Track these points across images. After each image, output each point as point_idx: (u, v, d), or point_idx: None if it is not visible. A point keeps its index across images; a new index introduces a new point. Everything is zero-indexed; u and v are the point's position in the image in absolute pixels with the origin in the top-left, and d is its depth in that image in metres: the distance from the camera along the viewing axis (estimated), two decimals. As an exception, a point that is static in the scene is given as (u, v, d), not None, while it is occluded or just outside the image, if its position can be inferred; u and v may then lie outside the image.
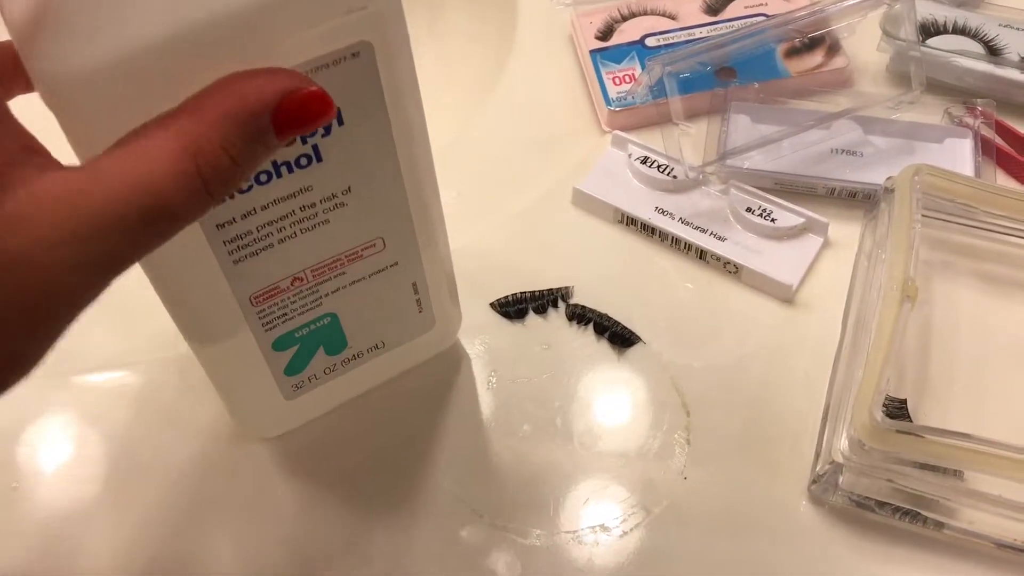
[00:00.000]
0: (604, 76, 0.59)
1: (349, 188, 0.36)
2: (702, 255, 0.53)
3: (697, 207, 0.54)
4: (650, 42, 0.61)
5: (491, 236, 0.55)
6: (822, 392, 0.48)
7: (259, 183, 0.33)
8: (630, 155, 0.56)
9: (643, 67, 0.59)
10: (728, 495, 0.46)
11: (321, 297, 0.40)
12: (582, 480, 0.46)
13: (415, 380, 0.49)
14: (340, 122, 0.33)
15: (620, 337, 0.50)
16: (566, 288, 0.52)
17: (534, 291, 0.52)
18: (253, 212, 0.34)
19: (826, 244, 0.53)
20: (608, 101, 0.58)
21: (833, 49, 0.59)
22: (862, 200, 0.54)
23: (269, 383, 0.43)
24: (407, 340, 0.46)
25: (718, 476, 0.46)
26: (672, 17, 0.62)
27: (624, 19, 0.62)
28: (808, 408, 0.48)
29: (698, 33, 0.61)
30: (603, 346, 0.51)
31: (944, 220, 0.52)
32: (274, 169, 0.33)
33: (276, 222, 0.35)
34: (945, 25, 0.59)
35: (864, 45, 0.60)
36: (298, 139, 0.33)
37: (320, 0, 0.30)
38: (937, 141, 0.56)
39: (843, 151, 0.55)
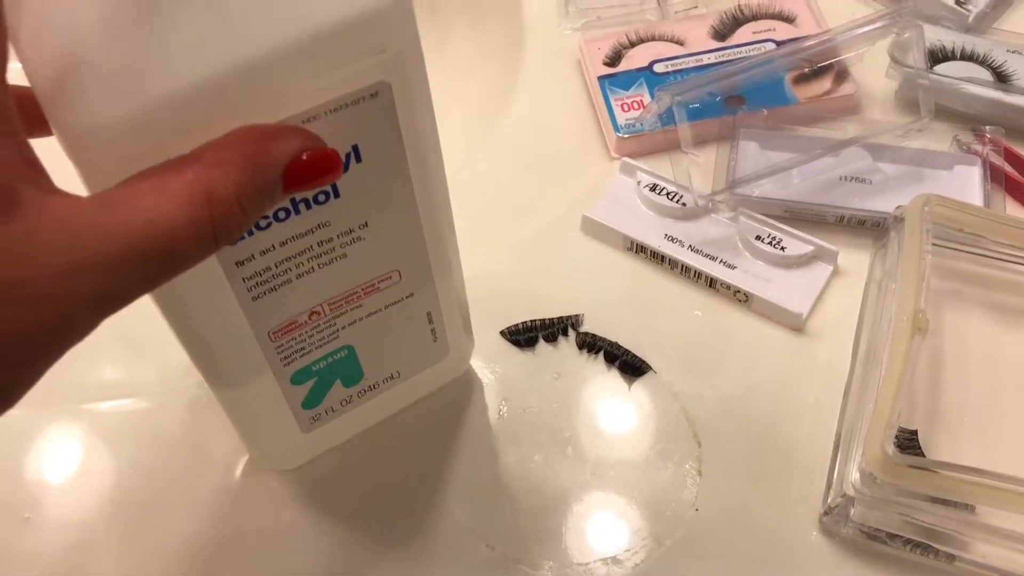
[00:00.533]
0: (612, 102, 0.59)
1: (366, 223, 0.36)
2: (712, 283, 0.53)
3: (706, 235, 0.54)
4: (658, 68, 0.61)
5: (500, 263, 0.55)
6: (833, 422, 0.48)
7: (277, 220, 0.33)
8: (639, 182, 0.56)
9: (652, 94, 0.59)
10: (740, 527, 0.46)
11: (338, 330, 0.40)
12: (593, 511, 0.46)
13: (427, 411, 0.49)
14: (358, 159, 0.34)
15: (630, 366, 0.50)
16: (576, 316, 0.52)
17: (544, 319, 0.52)
18: (272, 249, 0.34)
19: (835, 272, 0.53)
20: (616, 128, 0.58)
21: (841, 76, 0.59)
22: (871, 228, 0.54)
23: (287, 417, 0.43)
24: (422, 369, 0.46)
25: (730, 507, 0.46)
26: (680, 43, 0.62)
27: (632, 45, 0.62)
28: (819, 438, 0.48)
29: (706, 59, 0.61)
30: (613, 375, 0.51)
31: (954, 249, 0.52)
32: (292, 206, 0.33)
33: (294, 257, 0.35)
34: (953, 51, 0.59)
35: (872, 72, 0.60)
36: None
37: (340, 47, 0.30)
38: (946, 168, 0.56)
39: (852, 178, 0.55)
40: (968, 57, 0.59)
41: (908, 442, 0.46)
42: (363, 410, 0.46)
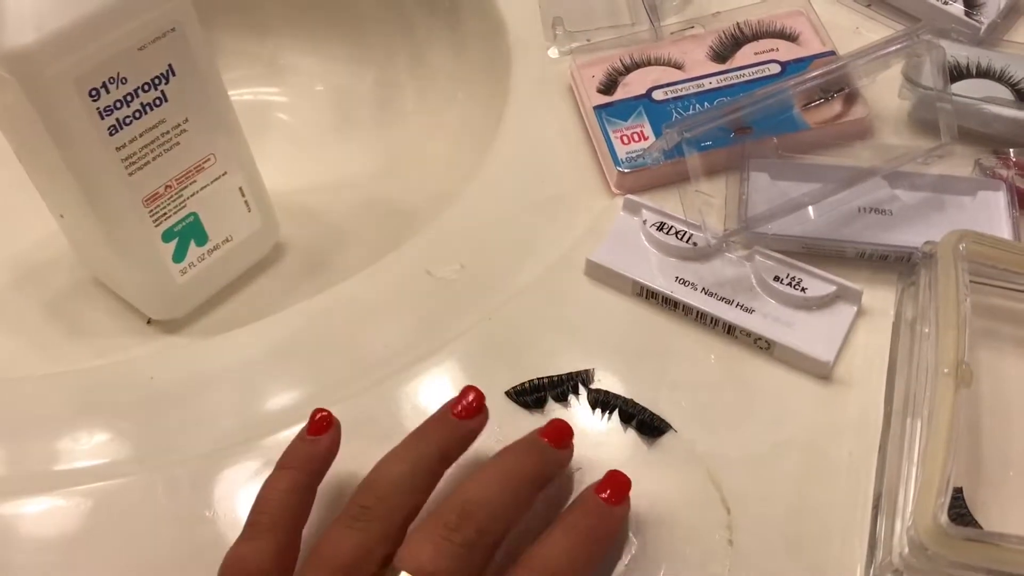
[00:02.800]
0: (611, 134, 0.56)
1: (187, 119, 0.53)
2: (730, 330, 0.49)
3: (720, 276, 0.51)
4: (657, 95, 0.57)
5: (499, 314, 0.52)
6: (869, 479, 0.45)
7: (135, 118, 0.50)
8: (644, 221, 0.52)
9: (652, 123, 0.56)
10: (778, 602, 0.42)
11: (185, 200, 0.56)
12: (619, 592, 0.43)
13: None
14: (174, 73, 0.50)
15: (648, 426, 0.47)
16: (586, 371, 0.49)
17: (552, 376, 0.48)
18: (135, 139, 0.51)
19: (860, 312, 0.50)
20: (617, 162, 0.55)
21: (852, 97, 0.56)
22: (894, 262, 0.51)
23: (166, 269, 0.57)
24: (246, 234, 0.61)
25: (766, 580, 0.43)
26: (678, 66, 0.59)
27: (627, 70, 0.58)
28: (856, 497, 0.45)
29: (708, 84, 0.57)
30: (631, 436, 0.47)
31: (985, 284, 0.49)
32: (141, 108, 0.50)
33: (148, 145, 0.51)
34: (968, 68, 0.56)
35: (884, 92, 0.57)
36: (150, 86, 0.50)
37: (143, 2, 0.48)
38: (969, 194, 0.53)
39: (871, 209, 0.52)
40: (984, 74, 0.56)
41: (955, 502, 0.43)
42: (215, 268, 0.60)
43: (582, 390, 0.48)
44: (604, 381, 0.49)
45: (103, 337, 0.63)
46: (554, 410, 0.48)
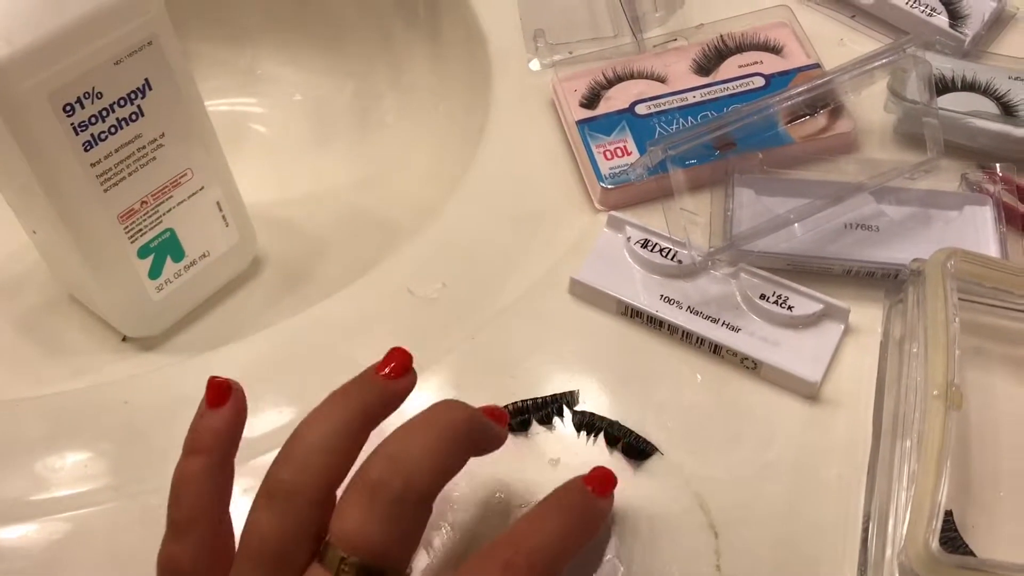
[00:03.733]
0: (594, 150, 0.55)
1: (163, 133, 0.52)
2: (716, 350, 0.49)
3: (705, 294, 0.50)
4: (640, 110, 0.56)
5: (482, 333, 0.51)
6: (858, 500, 0.44)
7: (111, 133, 0.49)
8: (628, 238, 0.52)
9: (635, 137, 0.55)
10: (768, 630, 0.42)
11: (161, 215, 0.55)
12: (606, 621, 0.42)
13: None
14: (150, 87, 0.50)
15: (635, 449, 0.46)
16: (571, 393, 0.48)
17: (536, 399, 0.48)
18: (110, 154, 0.50)
19: (847, 331, 0.49)
20: (600, 177, 0.54)
21: (837, 112, 0.55)
22: (881, 279, 0.51)
23: (141, 285, 0.56)
24: (223, 249, 0.60)
25: (755, 607, 0.42)
26: (661, 80, 0.58)
27: (610, 84, 0.58)
28: (845, 520, 0.44)
29: (691, 97, 0.57)
30: (617, 459, 0.46)
31: (974, 301, 0.49)
32: (117, 123, 0.49)
33: (124, 160, 0.51)
34: (953, 81, 0.56)
35: (869, 106, 0.56)
36: (126, 101, 0.49)
37: (124, 10, 0.47)
38: (955, 209, 0.52)
39: (857, 225, 0.52)
40: (969, 87, 0.55)
41: (945, 525, 0.42)
42: (192, 284, 0.60)
43: (567, 412, 0.47)
44: (589, 402, 0.48)
45: (78, 355, 0.61)
46: (538, 433, 0.47)
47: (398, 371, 0.39)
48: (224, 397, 0.39)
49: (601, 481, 0.40)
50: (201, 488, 0.37)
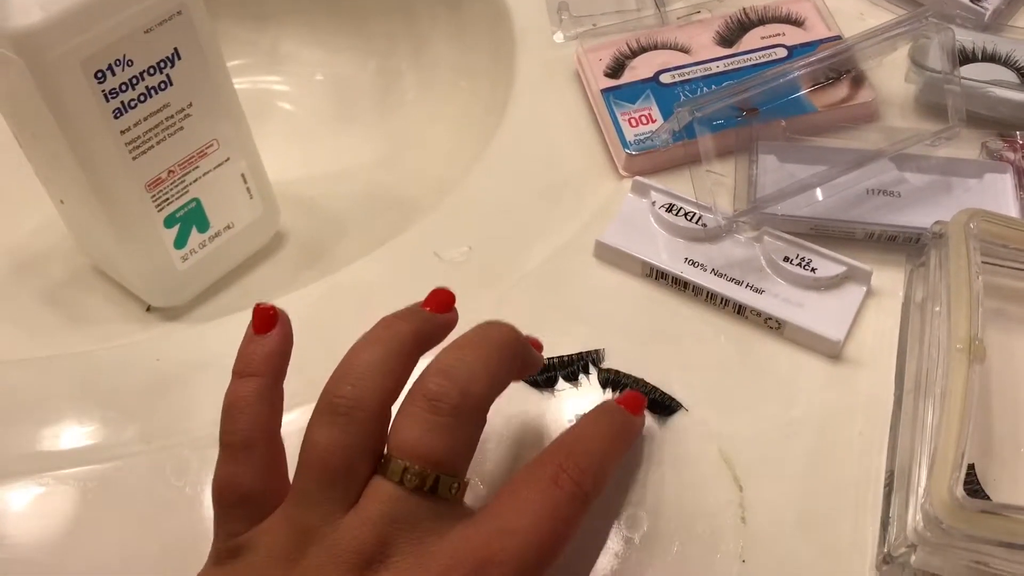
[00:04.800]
0: (619, 117, 0.56)
1: (191, 103, 0.53)
2: (740, 310, 0.49)
3: (729, 257, 0.51)
4: (664, 79, 0.57)
5: (509, 295, 0.51)
6: (880, 457, 0.45)
7: (140, 101, 0.50)
8: (653, 203, 0.52)
9: (659, 106, 0.56)
10: (792, 579, 0.42)
11: (188, 185, 0.55)
12: (633, 571, 0.42)
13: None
14: (180, 57, 0.50)
15: (660, 405, 0.47)
16: (597, 351, 0.48)
17: (563, 356, 0.48)
18: (139, 123, 0.50)
19: (869, 293, 0.50)
20: (625, 144, 0.54)
21: (858, 81, 0.56)
22: (903, 243, 0.51)
23: (167, 254, 0.57)
24: (247, 221, 0.61)
25: (779, 557, 0.43)
26: (685, 50, 0.59)
27: (634, 54, 0.58)
28: (868, 476, 0.44)
29: (715, 68, 0.57)
30: (643, 415, 0.47)
31: (994, 264, 0.49)
32: (146, 91, 0.50)
33: (152, 129, 0.51)
34: (974, 52, 0.56)
35: (890, 75, 0.57)
36: (156, 69, 0.50)
37: None
38: (976, 177, 0.53)
39: (879, 191, 0.52)
40: (990, 58, 0.56)
41: (968, 478, 0.43)
42: (216, 255, 0.60)
43: (592, 370, 0.48)
44: (614, 361, 0.48)
45: (102, 324, 0.62)
46: (563, 389, 0.48)
47: (441, 308, 0.40)
48: (271, 323, 0.39)
49: (632, 402, 0.44)
50: (256, 409, 0.37)
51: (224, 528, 0.37)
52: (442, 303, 0.40)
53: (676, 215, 0.52)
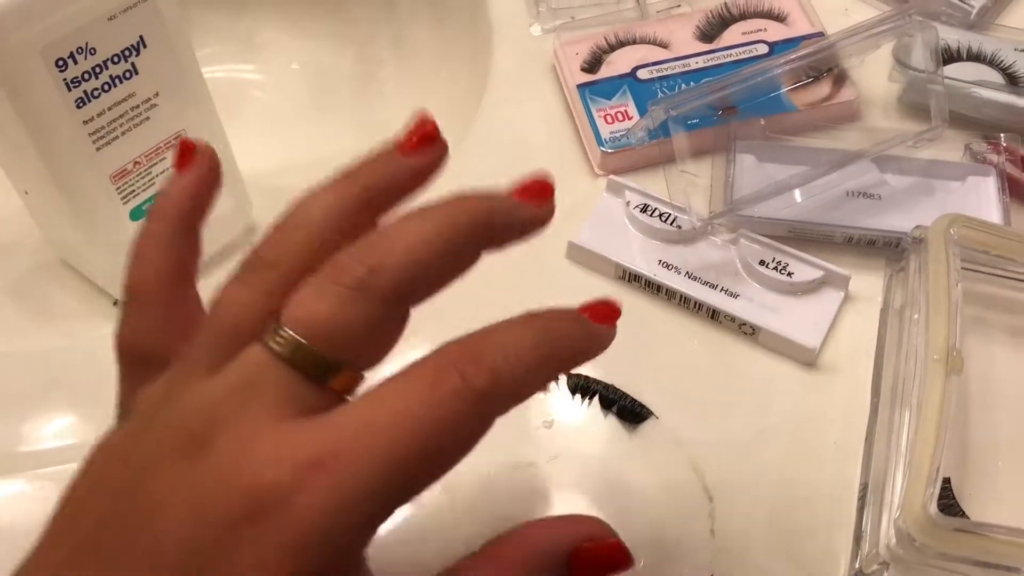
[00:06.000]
0: (595, 113, 0.54)
1: (157, 93, 0.51)
2: (714, 315, 0.48)
3: (704, 260, 0.49)
4: (642, 74, 0.56)
5: (479, 297, 0.50)
6: (855, 469, 0.44)
7: (104, 91, 0.48)
8: (628, 203, 0.51)
9: (636, 102, 0.54)
10: (761, 594, 0.41)
11: (155, 177, 0.54)
12: (598, 583, 0.41)
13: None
14: (145, 45, 0.49)
15: (629, 412, 0.45)
16: (566, 356, 0.47)
17: (531, 361, 0.47)
18: (103, 112, 0.49)
19: (847, 298, 0.49)
20: (600, 141, 0.53)
21: (840, 79, 0.55)
22: (882, 248, 0.50)
23: None
24: (216, 215, 0.57)
25: (748, 572, 0.42)
26: (664, 45, 0.57)
27: (612, 48, 0.57)
28: (842, 487, 0.44)
29: (694, 63, 0.56)
30: (611, 422, 0.46)
31: (974, 271, 0.48)
32: (110, 80, 0.48)
33: (117, 119, 0.50)
34: (959, 52, 0.55)
35: (873, 74, 0.56)
36: (120, 58, 0.48)
37: None
38: (958, 179, 0.52)
39: (859, 194, 0.51)
40: (975, 57, 0.55)
41: (943, 493, 0.42)
42: None
43: (561, 375, 0.47)
44: (584, 366, 0.47)
45: (69, 319, 0.61)
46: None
47: (417, 143, 0.33)
48: (188, 159, 0.34)
49: (600, 312, 0.34)
50: (156, 254, 0.33)
51: (121, 385, 0.32)
52: (422, 134, 0.33)
53: (651, 216, 0.50)
